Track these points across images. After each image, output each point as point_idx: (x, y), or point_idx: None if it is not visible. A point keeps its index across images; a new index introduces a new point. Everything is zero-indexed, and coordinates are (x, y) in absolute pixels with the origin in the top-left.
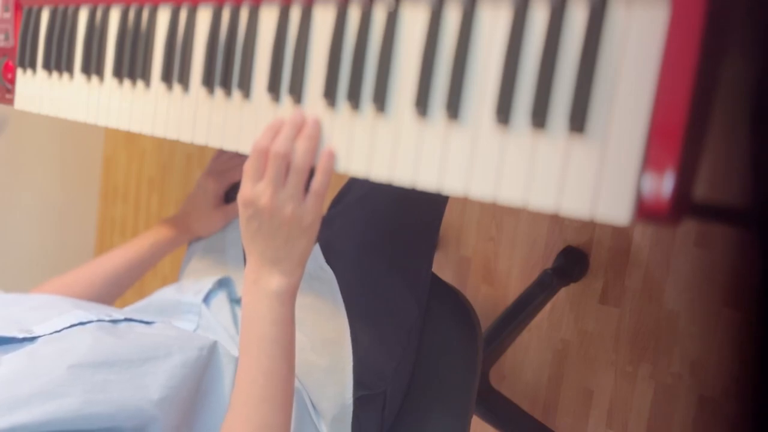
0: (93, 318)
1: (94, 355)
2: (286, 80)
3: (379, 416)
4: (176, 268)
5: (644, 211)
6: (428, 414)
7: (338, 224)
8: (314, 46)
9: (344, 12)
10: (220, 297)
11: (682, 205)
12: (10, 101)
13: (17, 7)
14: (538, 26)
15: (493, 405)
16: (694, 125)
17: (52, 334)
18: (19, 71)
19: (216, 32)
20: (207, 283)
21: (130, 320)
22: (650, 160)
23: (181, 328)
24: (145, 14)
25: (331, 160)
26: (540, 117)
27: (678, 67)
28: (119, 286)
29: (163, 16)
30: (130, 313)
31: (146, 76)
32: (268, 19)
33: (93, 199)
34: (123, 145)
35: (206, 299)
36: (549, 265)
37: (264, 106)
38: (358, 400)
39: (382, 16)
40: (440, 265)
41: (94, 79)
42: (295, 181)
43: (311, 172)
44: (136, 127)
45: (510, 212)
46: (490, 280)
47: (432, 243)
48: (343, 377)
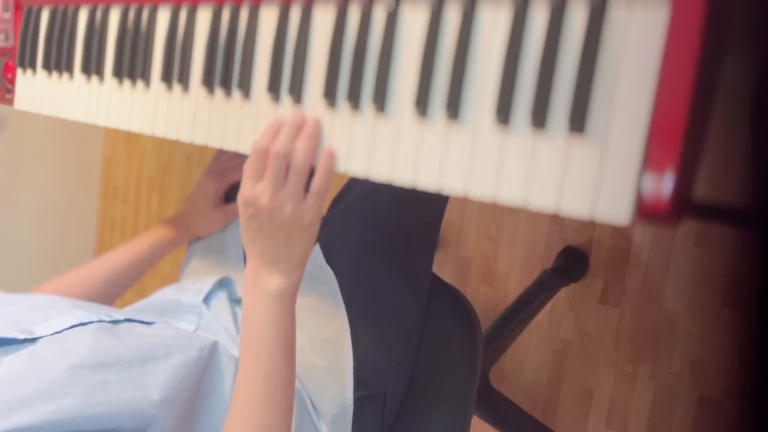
0: (93, 318)
1: (94, 355)
2: (286, 80)
3: (379, 416)
4: (176, 268)
5: (644, 211)
6: (428, 414)
7: (338, 224)
8: (314, 46)
9: (344, 12)
10: (221, 297)
11: (682, 205)
12: (10, 101)
13: (17, 7)
14: (538, 26)
15: (493, 405)
16: (694, 125)
17: (52, 334)
18: (19, 71)
19: (216, 32)
20: (207, 283)
21: (131, 320)
22: (650, 160)
23: (182, 328)
24: (145, 14)
25: (331, 160)
26: (540, 117)
27: (678, 67)
28: (119, 286)
29: (163, 16)
30: (131, 314)
31: (146, 76)
32: (268, 19)
33: (93, 199)
34: (123, 145)
35: (206, 299)
36: (549, 265)
37: (264, 106)
38: (358, 400)
39: (382, 16)
40: (440, 265)
41: (94, 79)
42: (295, 181)
43: (311, 172)
44: (136, 127)
45: (510, 212)
46: (490, 280)
47: (432, 243)
48: (343, 377)
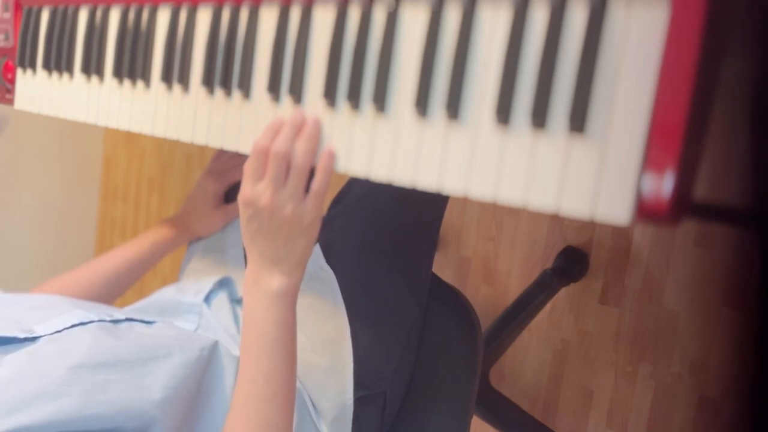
0: (94, 318)
1: (94, 355)
2: (286, 80)
3: (379, 416)
4: (176, 268)
5: (644, 211)
6: (428, 414)
7: (338, 224)
8: (314, 46)
9: (344, 12)
10: (221, 297)
11: (682, 205)
12: (10, 101)
13: (17, 7)
14: (538, 26)
15: (493, 405)
16: (694, 125)
17: (53, 334)
18: (19, 71)
19: (216, 32)
20: (207, 283)
21: (131, 320)
22: (650, 160)
23: (182, 328)
24: (145, 14)
25: (331, 160)
26: (540, 117)
27: (678, 67)
28: (119, 286)
29: (163, 16)
30: (131, 313)
31: (146, 76)
32: (268, 19)
33: (93, 199)
34: (123, 145)
35: (207, 299)
36: (549, 265)
37: (264, 106)
38: (358, 400)
39: (382, 16)
40: (440, 265)
41: (94, 79)
42: (295, 181)
43: (311, 172)
44: (136, 127)
45: (510, 212)
46: (490, 280)
47: (432, 243)
48: (343, 377)
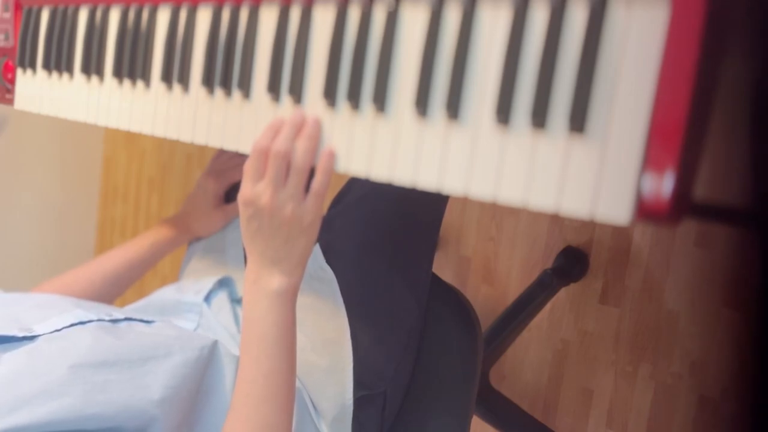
0: (93, 317)
1: (94, 354)
2: (286, 80)
3: (379, 416)
4: (176, 268)
5: (644, 211)
6: (428, 414)
7: (338, 224)
8: (314, 46)
9: (344, 12)
10: (221, 296)
11: (682, 205)
12: (10, 101)
13: (17, 7)
14: (538, 26)
15: (493, 405)
16: (694, 125)
17: (52, 333)
18: (19, 71)
19: (216, 32)
20: (207, 282)
21: (131, 319)
22: (650, 160)
23: (182, 327)
24: (145, 14)
25: (331, 159)
26: (540, 117)
27: (678, 67)
28: (119, 286)
29: (163, 16)
30: (131, 313)
31: (146, 76)
32: (268, 19)
33: (93, 199)
34: (123, 145)
35: (207, 298)
36: (549, 265)
37: (264, 106)
38: (358, 400)
39: (382, 16)
40: (440, 265)
41: (94, 79)
42: (296, 181)
43: (311, 172)
44: (136, 127)
45: (510, 212)
46: (490, 280)
47: (432, 243)
48: (343, 377)
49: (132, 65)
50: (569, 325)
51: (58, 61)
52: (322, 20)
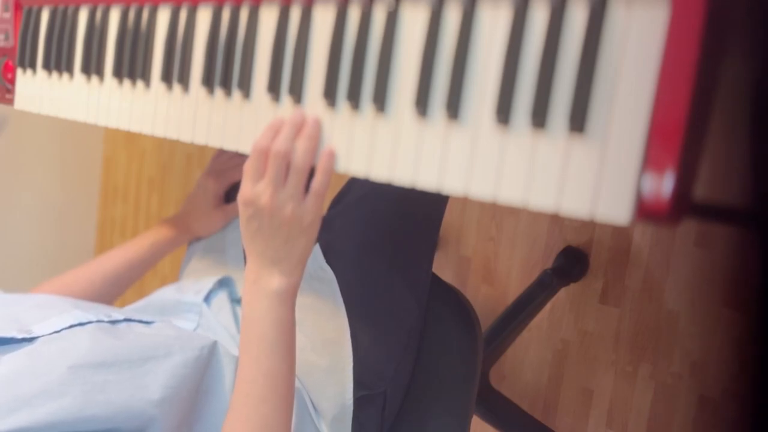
0: (92, 318)
1: (93, 355)
2: (286, 80)
3: (379, 416)
4: (176, 268)
5: (644, 211)
6: (428, 414)
7: (338, 224)
8: (314, 46)
9: (344, 12)
10: (221, 297)
11: (682, 205)
12: (10, 101)
13: (17, 7)
14: (538, 26)
15: (493, 405)
16: (694, 125)
17: (51, 334)
18: (19, 71)
19: (216, 32)
20: (207, 282)
21: (130, 320)
22: (650, 160)
23: (182, 327)
24: (145, 14)
25: (331, 159)
26: (540, 117)
27: (678, 67)
28: (119, 286)
29: (163, 16)
30: (130, 313)
31: (146, 76)
32: (268, 19)
33: (93, 199)
34: (123, 145)
35: (207, 299)
36: (549, 265)
37: (264, 106)
38: (358, 400)
39: (382, 16)
40: (440, 265)
41: (94, 79)
42: (295, 181)
43: (311, 172)
44: (136, 127)
45: (510, 212)
46: (490, 280)
47: (432, 243)
48: (343, 377)
49: (132, 65)
50: (569, 325)
51: (58, 61)
52: (322, 20)
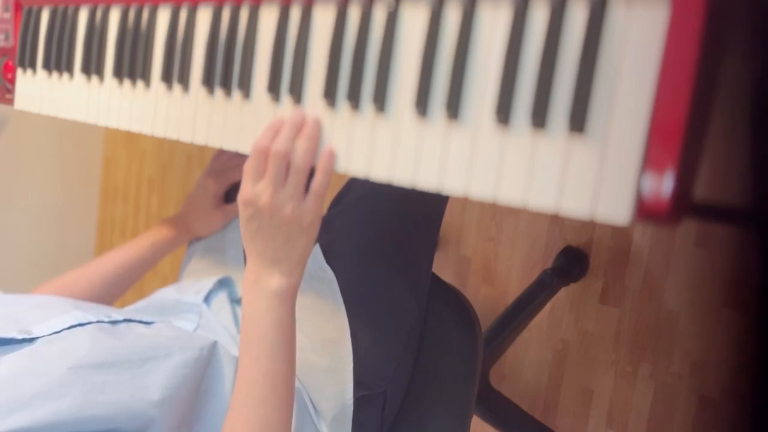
0: (92, 319)
1: (93, 356)
2: (286, 80)
3: (379, 416)
4: (176, 268)
5: (644, 211)
6: (428, 414)
7: (338, 224)
8: (314, 46)
9: (344, 12)
10: (221, 297)
11: (682, 205)
12: (10, 101)
13: (17, 7)
14: (538, 26)
15: (493, 405)
16: (694, 125)
17: (51, 335)
18: (19, 71)
19: (216, 32)
20: (207, 283)
21: (130, 321)
22: (650, 160)
23: (181, 328)
24: (145, 14)
25: (331, 159)
26: (540, 117)
27: (678, 67)
28: (119, 287)
29: (163, 16)
30: (130, 314)
31: (146, 76)
32: (268, 19)
33: (93, 199)
34: (123, 145)
35: (207, 299)
36: (549, 265)
37: (264, 106)
38: (358, 400)
39: (382, 16)
40: (440, 265)
41: (94, 79)
42: (295, 181)
43: (311, 172)
44: (136, 127)
45: (510, 212)
46: (490, 280)
47: (432, 243)
48: (343, 377)
49: (132, 65)
50: (569, 325)
51: (58, 61)
52: (322, 20)
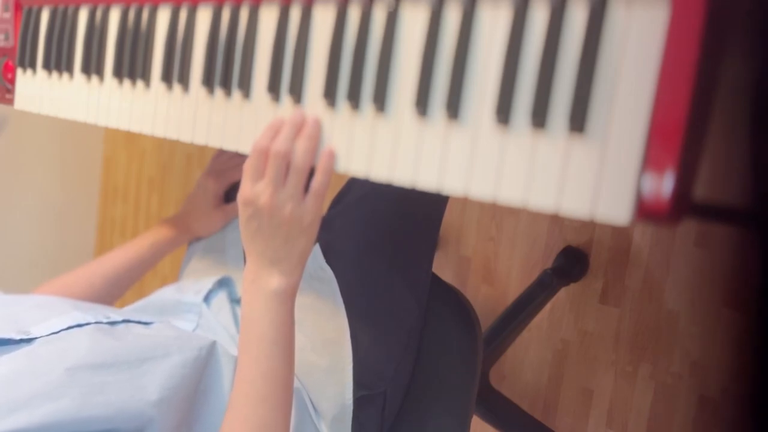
0: (91, 320)
1: (92, 356)
2: (286, 80)
3: (379, 416)
4: (176, 268)
5: (644, 211)
6: (428, 414)
7: (338, 224)
8: (314, 46)
9: (344, 12)
10: (221, 297)
11: (682, 205)
12: (10, 101)
13: (17, 7)
14: (538, 26)
15: (493, 405)
16: (694, 125)
17: (49, 335)
18: (19, 71)
19: (216, 32)
20: (207, 282)
21: (128, 321)
22: (650, 160)
23: (180, 328)
24: (145, 14)
25: (331, 159)
26: (540, 117)
27: (678, 67)
28: (119, 287)
29: (163, 16)
30: (129, 314)
31: (146, 76)
32: (268, 19)
33: (93, 199)
34: (123, 145)
35: (206, 299)
36: (549, 265)
37: (264, 106)
38: (358, 400)
39: (382, 16)
40: (440, 265)
41: (94, 79)
42: (295, 181)
43: (311, 172)
44: (136, 127)
45: (510, 212)
46: (490, 280)
47: (432, 243)
48: (343, 377)
49: (132, 65)
50: (569, 325)
51: (58, 61)
52: (322, 20)
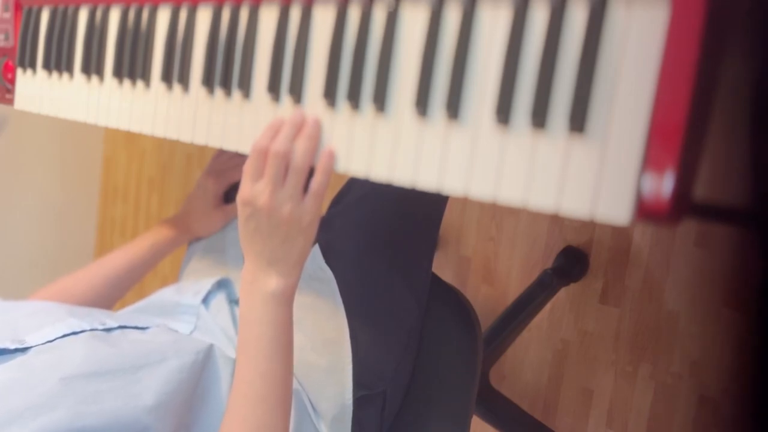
0: (86, 327)
1: (86, 365)
2: (286, 80)
3: (379, 416)
4: (176, 268)
5: (644, 211)
6: (428, 414)
7: (338, 224)
8: (314, 46)
9: (344, 12)
10: (219, 298)
11: (682, 205)
12: (10, 101)
13: (17, 7)
14: (538, 26)
15: (493, 405)
16: (694, 125)
17: (44, 344)
18: (19, 71)
19: (216, 32)
20: (206, 284)
21: (124, 327)
22: (650, 160)
23: (177, 332)
24: (145, 14)
25: (331, 160)
26: (540, 117)
27: (678, 67)
28: (120, 288)
29: (163, 16)
30: (126, 319)
31: (146, 76)
32: (268, 19)
33: (93, 199)
34: (123, 145)
35: (205, 300)
36: (549, 265)
37: (264, 106)
38: (357, 400)
39: (382, 16)
40: (440, 265)
41: (94, 79)
42: (294, 181)
43: (311, 172)
44: (136, 127)
45: (510, 212)
46: (490, 280)
47: (432, 243)
48: (343, 377)
49: (132, 65)
50: (569, 325)
51: (58, 61)
52: (322, 20)
